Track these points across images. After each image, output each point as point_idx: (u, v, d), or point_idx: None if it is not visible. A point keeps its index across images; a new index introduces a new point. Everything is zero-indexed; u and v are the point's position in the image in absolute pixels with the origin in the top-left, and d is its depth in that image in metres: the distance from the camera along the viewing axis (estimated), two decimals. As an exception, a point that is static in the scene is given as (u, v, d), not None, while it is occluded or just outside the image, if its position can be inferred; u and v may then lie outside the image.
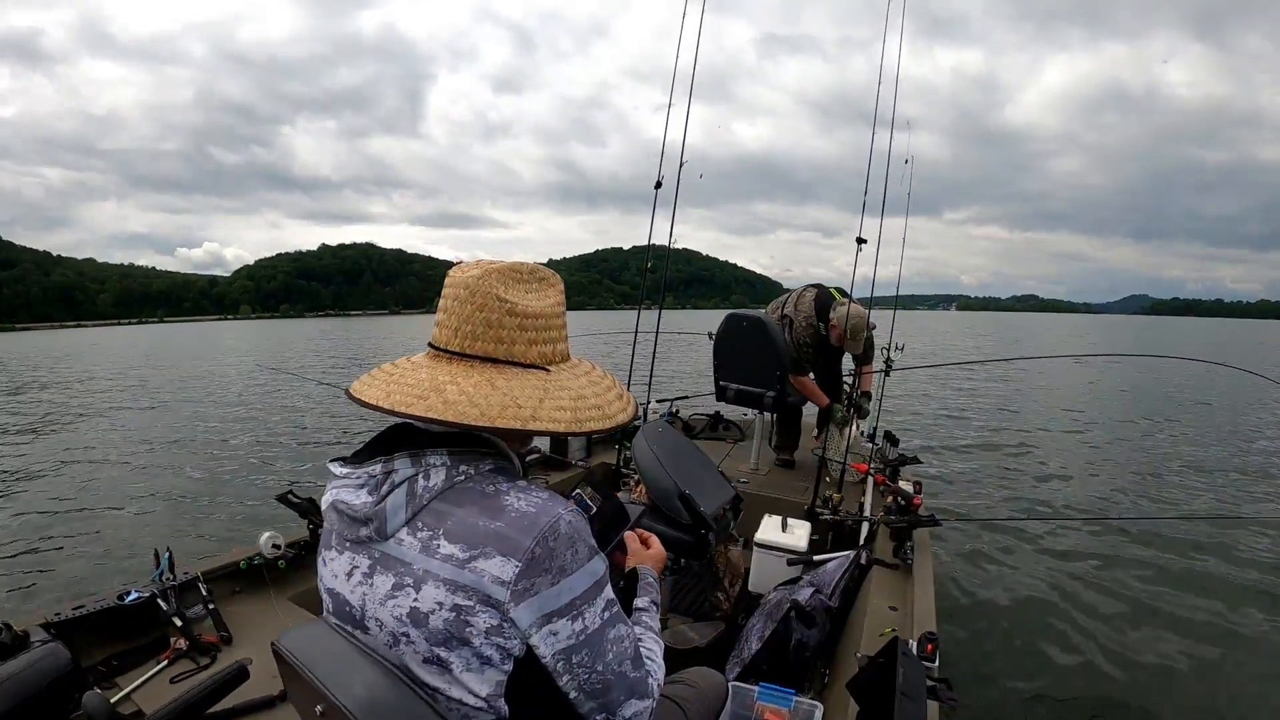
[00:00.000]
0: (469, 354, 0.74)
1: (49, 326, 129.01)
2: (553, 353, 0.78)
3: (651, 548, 1.10)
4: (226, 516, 4.76)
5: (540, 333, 0.76)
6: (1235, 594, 3.35)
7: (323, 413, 9.52)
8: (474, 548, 0.68)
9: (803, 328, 3.21)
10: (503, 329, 0.74)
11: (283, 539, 1.82)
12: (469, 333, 0.74)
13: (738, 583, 2.19)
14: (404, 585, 0.70)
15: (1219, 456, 6.62)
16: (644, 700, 0.77)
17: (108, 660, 1.48)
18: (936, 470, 5.63)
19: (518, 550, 0.67)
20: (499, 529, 0.68)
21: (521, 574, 0.66)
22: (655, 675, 0.82)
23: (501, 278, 0.75)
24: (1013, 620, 3.06)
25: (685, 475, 1.94)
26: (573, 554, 0.70)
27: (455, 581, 0.68)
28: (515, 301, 0.74)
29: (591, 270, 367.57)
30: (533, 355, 0.75)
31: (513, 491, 0.72)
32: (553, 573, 0.68)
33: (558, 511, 0.70)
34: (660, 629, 0.96)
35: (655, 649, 0.88)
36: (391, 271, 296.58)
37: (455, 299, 0.75)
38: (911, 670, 1.10)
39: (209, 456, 6.74)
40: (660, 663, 0.86)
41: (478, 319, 0.74)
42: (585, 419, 0.74)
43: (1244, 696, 2.50)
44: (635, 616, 0.93)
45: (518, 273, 0.77)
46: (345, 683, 0.67)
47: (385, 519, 0.72)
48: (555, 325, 0.79)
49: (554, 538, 0.68)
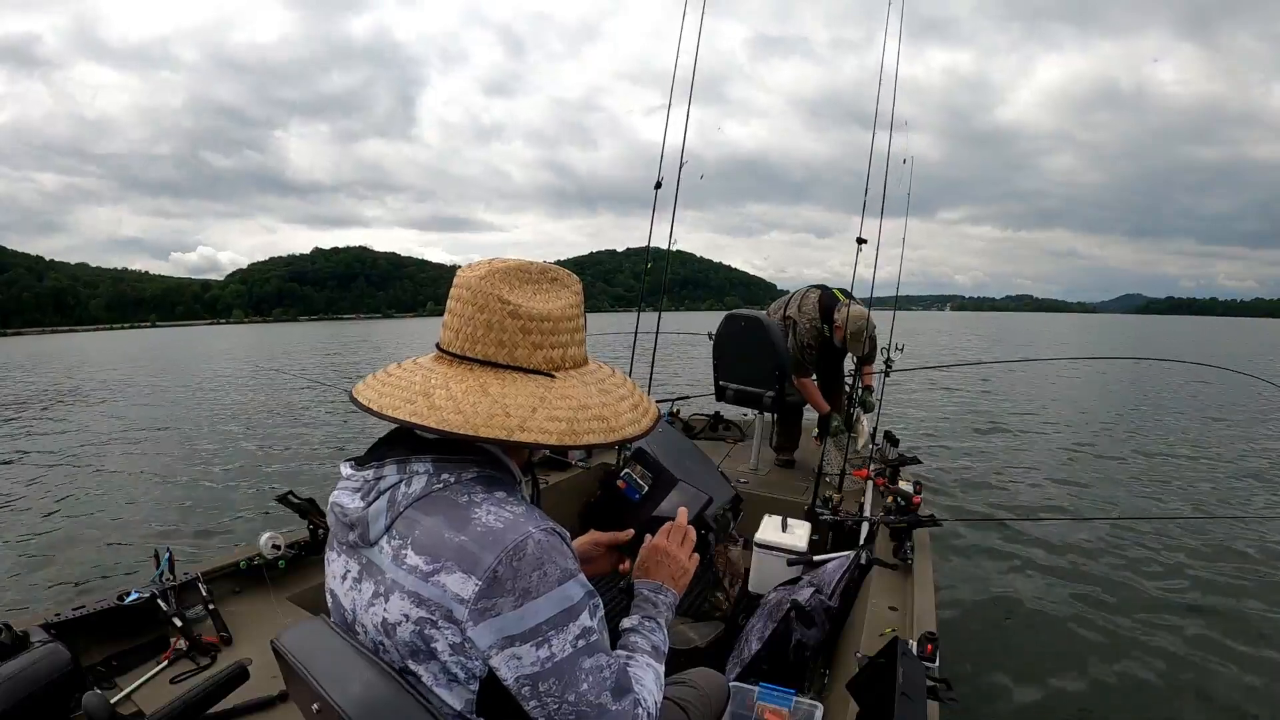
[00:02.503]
0: (469, 357, 0.72)
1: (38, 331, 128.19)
2: (561, 357, 0.74)
3: (680, 551, 0.93)
4: (226, 517, 4.75)
5: (547, 336, 0.72)
6: (1236, 593, 3.36)
7: (323, 413, 9.49)
8: (436, 560, 0.65)
9: (806, 329, 3.21)
10: (504, 332, 0.71)
11: (283, 539, 1.82)
12: (470, 335, 0.72)
13: (738, 583, 2.19)
14: (379, 594, 0.69)
15: (1220, 457, 6.63)
16: None
17: (108, 660, 1.47)
18: (936, 471, 5.63)
19: (478, 567, 0.63)
20: (462, 543, 0.65)
21: (481, 593, 0.63)
22: (646, 702, 0.73)
23: (506, 278, 0.72)
24: (1013, 620, 3.06)
25: (685, 475, 1.94)
26: (540, 576, 0.64)
27: (419, 594, 0.66)
28: (519, 303, 0.71)
29: (585, 273, 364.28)
30: (537, 360, 0.72)
31: (486, 504, 0.68)
32: (515, 594, 0.64)
33: (527, 530, 0.66)
34: (663, 644, 0.85)
35: (646, 672, 0.78)
36: (385, 275, 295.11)
37: (459, 299, 0.73)
38: (911, 670, 1.10)
39: (209, 457, 6.72)
40: (654, 686, 0.78)
41: (479, 320, 0.71)
42: (582, 431, 0.70)
43: (1245, 696, 2.50)
44: (622, 639, 0.84)
45: (526, 273, 0.74)
46: (341, 682, 0.67)
47: (368, 525, 0.71)
48: (566, 329, 0.74)
49: (519, 558, 0.64)
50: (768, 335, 3.09)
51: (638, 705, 0.72)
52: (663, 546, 0.93)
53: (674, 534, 0.94)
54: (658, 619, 0.87)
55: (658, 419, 0.79)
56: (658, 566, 0.91)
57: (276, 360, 19.92)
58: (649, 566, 0.92)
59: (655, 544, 0.93)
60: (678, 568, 0.92)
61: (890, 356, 3.50)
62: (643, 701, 0.73)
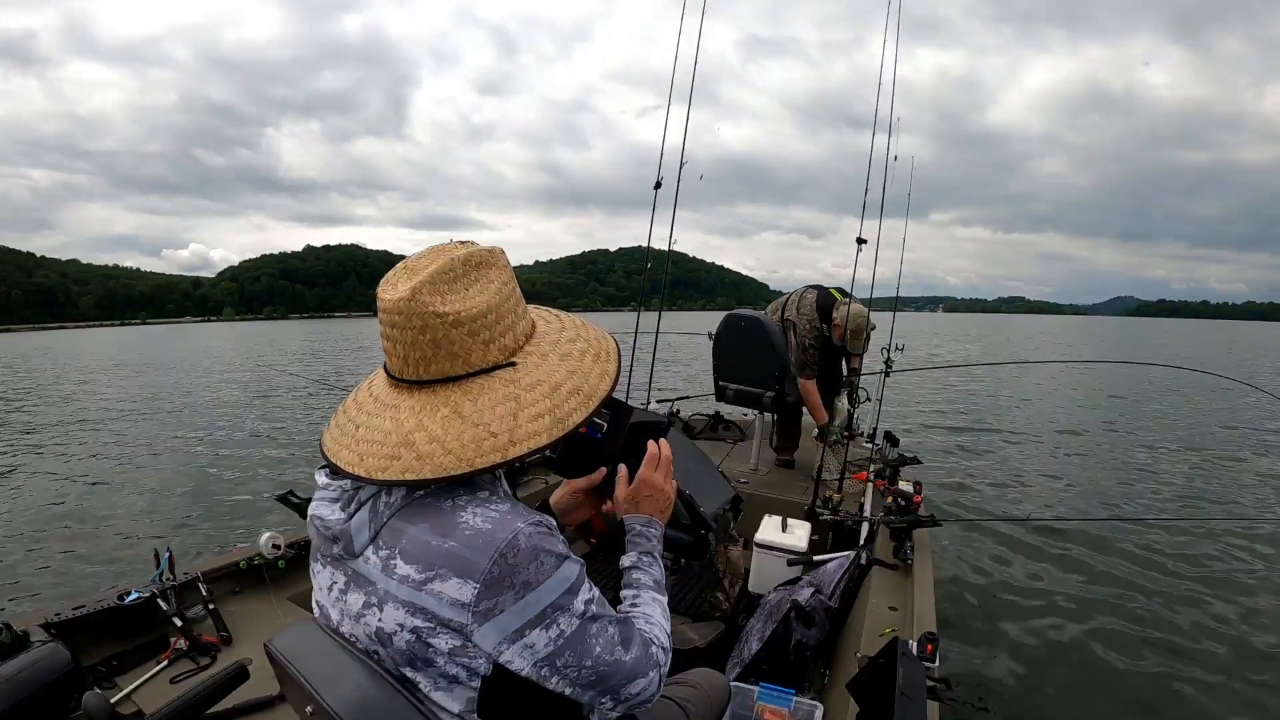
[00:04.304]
0: (427, 380, 0.69)
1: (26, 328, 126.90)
2: (513, 338, 0.71)
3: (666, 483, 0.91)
4: (227, 517, 4.74)
5: (494, 328, 0.69)
6: (1237, 593, 3.37)
7: (324, 413, 9.46)
8: (429, 569, 0.64)
9: (806, 330, 3.23)
10: (453, 344, 0.67)
11: (283, 539, 1.82)
12: (420, 358, 0.68)
13: (738, 583, 2.19)
14: (371, 604, 0.68)
15: (1221, 457, 6.67)
16: (647, 676, 0.73)
17: (108, 660, 1.47)
18: (937, 471, 5.64)
19: (474, 571, 0.63)
20: (452, 549, 0.64)
21: (481, 595, 0.63)
22: (658, 640, 0.76)
23: (434, 289, 0.66)
24: (1013, 620, 3.07)
25: (685, 475, 1.94)
26: (537, 567, 0.65)
27: (413, 604, 0.65)
28: (457, 310, 0.67)
29: (578, 272, 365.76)
30: (493, 355, 0.69)
31: (471, 506, 0.67)
32: (516, 589, 0.64)
33: (516, 526, 0.65)
34: (661, 577, 0.86)
35: (653, 608, 0.81)
36: (377, 273, 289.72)
37: (393, 325, 0.68)
38: (911, 670, 1.10)
39: (209, 457, 6.71)
40: (662, 619, 0.80)
41: (424, 342, 0.67)
42: (567, 413, 0.69)
43: (1244, 695, 2.52)
44: (625, 578, 0.86)
45: (450, 273, 0.68)
46: (334, 684, 0.67)
47: (351, 538, 0.70)
48: (509, 310, 0.71)
49: (513, 554, 0.64)
50: (768, 335, 3.10)
51: (649, 645, 0.75)
52: (649, 479, 0.90)
53: (661, 466, 0.91)
54: (654, 553, 0.88)
55: (619, 354, 0.79)
56: (647, 500, 0.90)
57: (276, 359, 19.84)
58: (639, 500, 0.90)
59: (643, 477, 0.90)
60: (665, 499, 0.92)
61: (890, 357, 3.52)
62: (655, 640, 0.76)
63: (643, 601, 0.82)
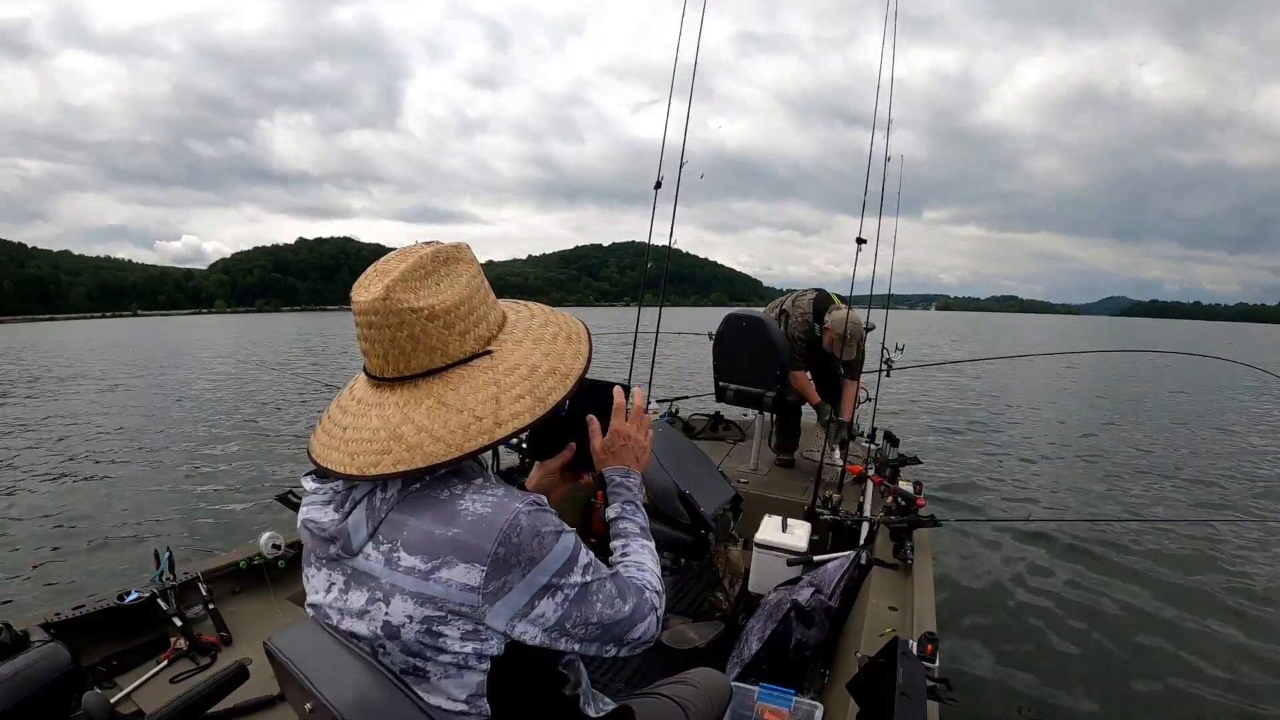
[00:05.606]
0: (408, 375, 0.71)
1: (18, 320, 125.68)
2: (487, 327, 0.75)
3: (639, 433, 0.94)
4: (226, 516, 4.73)
5: (467, 318, 0.72)
6: (1237, 593, 3.39)
7: (323, 412, 9.42)
8: (435, 557, 0.66)
9: (798, 322, 3.26)
10: (431, 337, 0.70)
11: (283, 539, 1.81)
12: (400, 355, 0.70)
13: (738, 583, 2.20)
14: (375, 599, 0.69)
15: (1221, 458, 6.72)
16: (646, 619, 0.78)
17: (108, 660, 1.47)
18: (937, 470, 5.66)
19: (480, 555, 0.66)
20: (456, 535, 0.67)
21: (490, 576, 0.66)
22: (651, 585, 0.81)
23: (407, 286, 0.69)
24: (1013, 620, 3.09)
25: (685, 475, 1.94)
26: (539, 543, 0.68)
27: (421, 593, 0.67)
28: (431, 305, 0.69)
29: (570, 267, 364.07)
30: (470, 345, 0.73)
31: (468, 494, 0.70)
32: (522, 565, 0.67)
33: (514, 508, 0.69)
34: (646, 523, 0.91)
35: (643, 554, 0.86)
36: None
37: (370, 325, 0.70)
38: (911, 670, 1.10)
39: (209, 456, 6.68)
40: (652, 564, 0.85)
41: (401, 338, 0.69)
42: (548, 392, 0.73)
43: (1245, 694, 2.54)
44: (612, 528, 0.90)
45: (421, 269, 0.70)
46: (334, 682, 0.67)
47: (349, 536, 0.71)
48: (480, 301, 0.74)
49: (516, 534, 0.67)
50: (769, 335, 3.10)
51: (644, 591, 0.80)
52: (622, 430, 0.93)
53: (633, 417, 0.95)
54: (635, 500, 0.92)
55: (589, 336, 0.83)
56: (623, 449, 0.93)
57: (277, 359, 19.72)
58: (615, 451, 0.93)
59: (614, 428, 0.93)
60: (640, 449, 0.95)
61: (890, 356, 3.53)
62: (648, 585, 0.81)
63: (631, 550, 0.87)
